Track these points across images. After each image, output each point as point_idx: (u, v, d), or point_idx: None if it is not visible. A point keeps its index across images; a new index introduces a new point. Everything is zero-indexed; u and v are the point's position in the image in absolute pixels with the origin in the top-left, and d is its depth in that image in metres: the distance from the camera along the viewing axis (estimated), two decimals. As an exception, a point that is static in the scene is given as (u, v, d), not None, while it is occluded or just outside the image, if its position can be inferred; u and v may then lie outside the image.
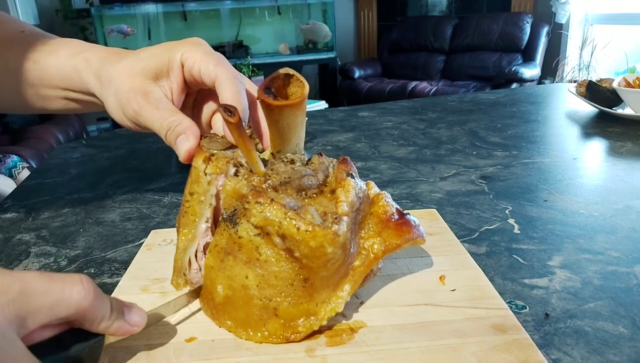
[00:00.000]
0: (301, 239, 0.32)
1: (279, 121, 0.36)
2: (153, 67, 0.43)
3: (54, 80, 0.49)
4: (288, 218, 0.32)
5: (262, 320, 0.35)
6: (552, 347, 0.34)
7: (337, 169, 0.38)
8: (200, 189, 0.38)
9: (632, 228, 0.51)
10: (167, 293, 0.41)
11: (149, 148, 0.93)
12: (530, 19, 3.92)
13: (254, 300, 0.35)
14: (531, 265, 0.45)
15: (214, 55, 0.43)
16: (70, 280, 0.29)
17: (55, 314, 0.28)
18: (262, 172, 0.36)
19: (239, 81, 0.42)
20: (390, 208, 0.38)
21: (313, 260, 0.33)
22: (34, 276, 0.27)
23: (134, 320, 0.32)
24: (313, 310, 0.35)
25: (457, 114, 1.09)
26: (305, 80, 0.37)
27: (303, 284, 0.34)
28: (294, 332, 0.35)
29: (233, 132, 0.35)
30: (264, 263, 0.34)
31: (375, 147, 0.85)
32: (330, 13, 4.42)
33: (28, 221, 0.62)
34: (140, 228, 0.58)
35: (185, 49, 0.43)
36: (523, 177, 0.67)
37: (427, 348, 0.33)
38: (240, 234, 0.35)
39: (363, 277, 0.36)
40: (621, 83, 0.97)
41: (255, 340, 0.35)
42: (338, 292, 0.35)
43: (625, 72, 1.19)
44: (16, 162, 2.18)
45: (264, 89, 0.36)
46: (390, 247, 0.37)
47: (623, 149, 0.77)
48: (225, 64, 0.43)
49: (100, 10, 4.11)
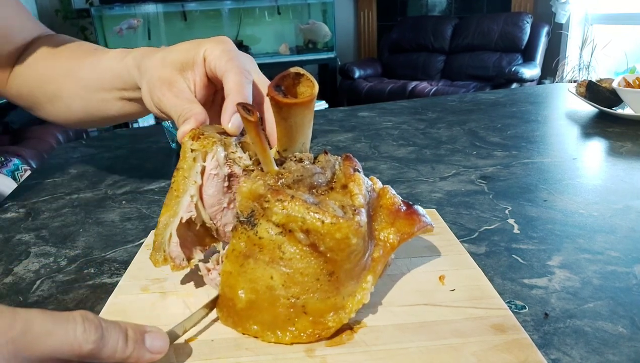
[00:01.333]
0: (326, 232, 0.32)
1: (287, 119, 0.36)
2: (180, 60, 0.46)
3: (110, 82, 0.55)
4: (311, 212, 0.32)
5: (291, 319, 0.34)
6: (551, 347, 0.34)
7: (343, 165, 0.39)
8: (185, 165, 0.38)
9: (631, 228, 0.51)
10: (166, 293, 0.42)
11: (149, 148, 0.93)
12: (530, 19, 3.92)
13: (280, 300, 0.34)
14: (531, 265, 0.45)
15: (231, 53, 0.44)
16: (73, 320, 0.27)
17: (58, 356, 0.27)
18: (276, 171, 0.36)
19: (244, 75, 0.43)
20: (398, 200, 0.39)
21: (338, 253, 0.33)
22: (36, 315, 0.26)
23: (155, 346, 0.30)
24: (341, 304, 0.35)
25: (457, 114, 1.09)
26: (315, 80, 0.37)
27: (329, 278, 0.34)
28: (324, 328, 0.34)
29: (250, 131, 0.34)
30: (288, 261, 0.34)
31: (375, 147, 0.85)
32: (330, 13, 4.42)
33: (28, 221, 0.62)
34: (140, 228, 0.58)
35: (209, 46, 0.45)
36: (523, 177, 0.67)
37: (427, 348, 0.33)
38: (261, 235, 0.34)
39: (383, 268, 0.37)
40: (621, 83, 0.97)
41: (285, 342, 0.34)
42: (362, 283, 0.35)
43: (625, 72, 1.19)
44: (18, 165, 2.18)
45: (274, 87, 0.36)
46: (404, 236, 0.38)
47: (623, 149, 0.77)
48: (237, 60, 0.44)
49: (100, 10, 4.11)
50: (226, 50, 0.45)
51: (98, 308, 0.41)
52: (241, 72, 0.43)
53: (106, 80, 0.55)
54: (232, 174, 0.39)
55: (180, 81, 0.46)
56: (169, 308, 0.39)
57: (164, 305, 0.40)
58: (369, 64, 4.59)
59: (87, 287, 0.45)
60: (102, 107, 0.58)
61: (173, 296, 0.41)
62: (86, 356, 0.27)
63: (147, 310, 0.39)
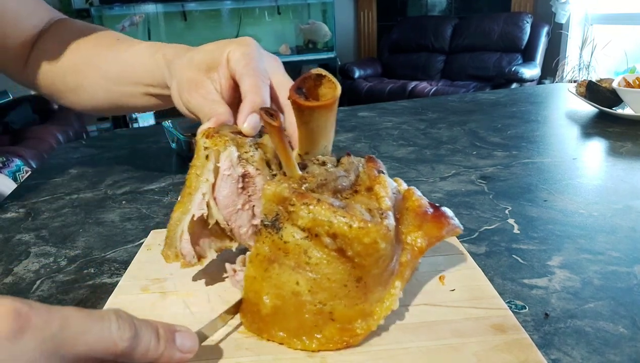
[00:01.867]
0: (354, 237, 0.31)
1: (309, 122, 0.35)
2: (207, 62, 0.46)
3: (138, 77, 0.56)
4: (339, 216, 0.31)
5: (317, 326, 0.34)
6: (551, 347, 0.34)
7: (367, 167, 0.38)
8: (198, 162, 0.38)
9: (632, 228, 0.51)
10: (166, 293, 0.41)
11: (149, 148, 0.93)
12: (530, 19, 3.92)
13: (306, 306, 0.33)
14: (531, 265, 0.45)
15: (249, 56, 0.44)
16: (108, 318, 0.27)
17: (92, 355, 0.26)
18: (299, 175, 0.35)
19: (260, 78, 0.43)
20: (425, 202, 0.38)
21: (366, 258, 0.32)
22: (72, 313, 0.26)
23: (186, 346, 0.30)
24: (369, 310, 0.34)
25: (457, 114, 1.09)
26: (338, 81, 0.36)
27: (356, 284, 0.33)
28: (352, 335, 0.34)
29: (273, 135, 0.34)
30: (314, 267, 0.33)
31: (375, 147, 0.85)
32: (330, 13, 4.42)
33: (28, 221, 0.62)
34: (140, 228, 0.58)
35: (232, 48, 0.45)
36: (523, 177, 0.67)
37: (427, 348, 0.33)
38: (286, 239, 0.33)
39: (411, 272, 0.36)
40: (621, 83, 0.97)
41: (312, 349, 0.34)
42: (390, 289, 0.35)
43: (625, 72, 1.19)
44: (20, 166, 2.18)
45: (296, 89, 0.35)
46: (432, 239, 0.37)
47: (623, 149, 0.77)
48: (255, 63, 0.44)
49: (100, 10, 4.11)
50: (246, 53, 0.45)
51: (98, 309, 0.41)
52: (257, 74, 0.43)
53: (134, 74, 0.56)
54: (246, 174, 0.39)
55: (207, 82, 0.46)
56: (169, 308, 0.39)
57: (164, 305, 0.40)
58: (369, 64, 4.59)
59: (87, 287, 0.45)
60: (127, 99, 0.59)
61: (173, 296, 0.41)
62: (120, 355, 0.27)
63: (147, 310, 0.39)
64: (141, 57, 0.56)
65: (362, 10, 4.89)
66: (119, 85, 0.58)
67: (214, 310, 0.39)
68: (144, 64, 0.55)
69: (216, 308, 0.39)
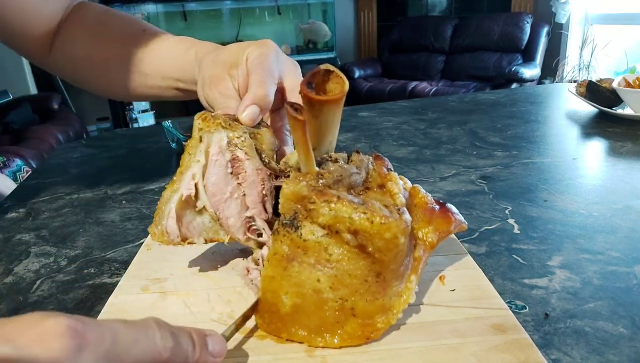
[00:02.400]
0: (375, 232, 0.32)
1: (318, 117, 0.36)
2: (228, 61, 0.48)
3: (169, 72, 0.58)
4: (360, 212, 0.32)
5: (339, 322, 0.34)
6: (551, 347, 0.34)
7: (376, 165, 0.39)
8: (191, 143, 0.39)
9: (631, 228, 0.51)
10: (166, 293, 0.42)
11: (149, 148, 0.93)
12: (530, 19, 3.92)
13: (328, 303, 0.34)
14: (531, 265, 0.45)
15: (263, 57, 0.46)
16: (151, 327, 0.27)
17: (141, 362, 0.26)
18: (316, 171, 0.36)
19: (267, 76, 0.45)
20: (430, 198, 0.39)
21: (386, 253, 0.33)
22: (119, 326, 0.26)
23: (216, 350, 0.30)
24: (388, 305, 0.34)
25: (457, 114, 1.09)
26: (345, 77, 0.37)
27: (376, 279, 0.34)
28: (373, 330, 0.34)
29: (297, 130, 0.34)
30: (335, 263, 0.33)
31: (375, 147, 0.85)
32: (330, 13, 4.42)
33: (28, 221, 0.62)
34: (140, 228, 0.58)
35: (251, 49, 0.47)
36: (523, 177, 0.67)
37: (427, 348, 0.33)
38: (305, 237, 0.34)
39: (423, 267, 0.37)
40: (621, 83, 0.97)
41: (334, 345, 0.34)
42: (407, 283, 0.35)
43: (625, 72, 1.19)
44: (21, 166, 2.18)
45: (306, 84, 0.35)
46: (442, 234, 0.38)
47: (623, 149, 0.77)
48: (266, 63, 0.45)
49: (100, 10, 4.10)
50: (263, 53, 0.46)
51: (98, 309, 0.41)
52: (265, 71, 0.45)
53: (165, 69, 0.58)
54: (235, 158, 0.39)
55: (227, 79, 0.48)
56: (169, 308, 0.39)
57: (164, 305, 0.40)
58: (369, 64, 4.59)
59: (87, 287, 0.45)
60: (154, 91, 0.61)
61: (173, 296, 0.41)
62: (163, 361, 0.27)
63: (147, 310, 0.39)
64: (174, 53, 0.58)
65: (362, 10, 4.88)
66: (150, 80, 0.60)
67: (214, 310, 0.39)
68: (176, 60, 0.57)
69: (216, 308, 0.39)
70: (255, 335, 0.36)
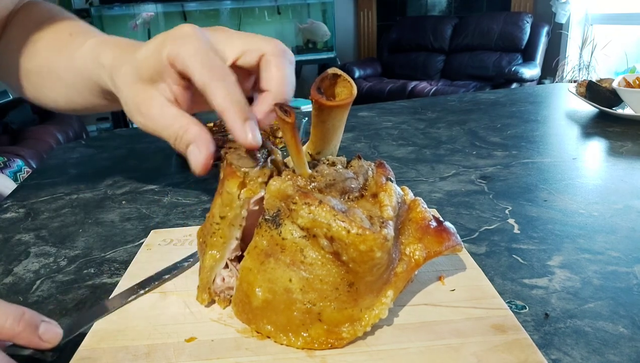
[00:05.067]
0: (350, 242, 0.31)
1: (326, 122, 0.36)
2: (146, 72, 0.40)
3: (90, 85, 0.50)
4: (338, 220, 0.31)
5: (305, 325, 0.34)
6: (552, 347, 0.34)
7: (376, 172, 0.38)
8: (232, 214, 0.37)
9: (632, 228, 0.51)
10: (166, 293, 0.41)
11: (148, 148, 0.93)
12: (530, 19, 3.93)
13: (296, 304, 0.33)
14: (531, 265, 0.45)
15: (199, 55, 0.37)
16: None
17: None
18: (308, 174, 0.35)
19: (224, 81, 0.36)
20: (428, 215, 0.38)
21: (360, 265, 0.32)
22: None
23: (46, 335, 0.33)
24: (357, 316, 0.34)
25: (457, 113, 1.09)
26: (352, 80, 0.37)
27: (348, 289, 0.33)
28: (337, 338, 0.34)
29: (286, 132, 0.33)
30: (309, 266, 0.33)
31: (374, 147, 0.85)
32: (330, 13, 4.42)
33: (28, 221, 0.62)
34: (140, 228, 0.58)
35: (169, 48, 0.38)
36: (523, 177, 0.67)
37: (427, 348, 0.33)
38: (284, 236, 0.34)
39: (405, 283, 0.36)
40: (621, 83, 0.97)
41: (297, 346, 0.34)
42: (382, 297, 0.35)
43: (625, 72, 1.19)
44: (21, 166, 2.18)
45: (316, 89, 0.35)
46: (431, 253, 0.37)
47: (623, 149, 0.77)
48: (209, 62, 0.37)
49: (100, 10, 4.11)
50: (192, 53, 0.37)
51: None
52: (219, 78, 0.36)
53: (85, 81, 0.51)
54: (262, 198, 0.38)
55: (157, 95, 0.40)
56: (169, 308, 0.39)
57: (164, 305, 0.40)
58: (369, 63, 4.59)
59: (87, 287, 0.45)
60: (89, 104, 0.54)
61: (173, 296, 0.41)
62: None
63: (147, 310, 0.39)
64: (86, 63, 0.49)
65: (361, 10, 4.89)
66: (77, 92, 0.53)
67: (213, 310, 0.39)
68: (89, 71, 0.49)
69: (216, 308, 0.39)
70: (256, 335, 0.36)
